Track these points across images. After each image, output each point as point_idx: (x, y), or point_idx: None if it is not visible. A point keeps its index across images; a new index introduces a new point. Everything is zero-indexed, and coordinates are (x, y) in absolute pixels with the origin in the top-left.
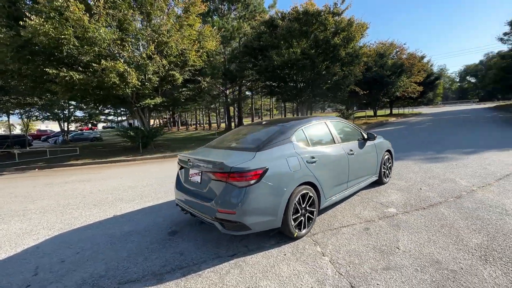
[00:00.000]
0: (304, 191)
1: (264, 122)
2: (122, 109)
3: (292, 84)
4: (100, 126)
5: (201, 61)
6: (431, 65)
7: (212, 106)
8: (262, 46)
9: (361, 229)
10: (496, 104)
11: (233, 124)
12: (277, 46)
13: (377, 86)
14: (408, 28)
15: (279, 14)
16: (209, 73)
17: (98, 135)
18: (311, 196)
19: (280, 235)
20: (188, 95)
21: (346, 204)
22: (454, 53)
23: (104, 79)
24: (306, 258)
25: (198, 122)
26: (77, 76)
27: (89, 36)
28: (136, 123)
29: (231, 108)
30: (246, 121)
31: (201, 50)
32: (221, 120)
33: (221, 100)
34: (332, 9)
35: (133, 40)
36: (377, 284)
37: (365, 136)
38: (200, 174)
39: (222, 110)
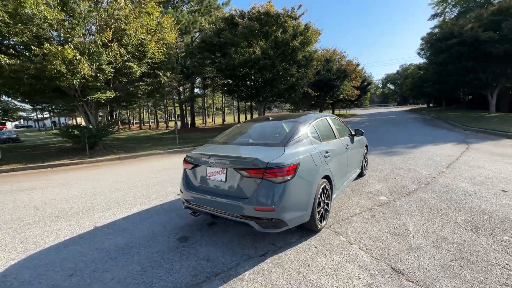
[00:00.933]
0: (323, 185)
1: (271, 118)
2: (60, 104)
3: (251, 83)
4: (10, 125)
5: (160, 53)
6: (364, 72)
7: (160, 103)
8: (221, 43)
9: (369, 217)
10: (410, 107)
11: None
12: (237, 44)
13: (326, 88)
14: (342, 38)
15: (239, 12)
16: (169, 67)
17: (15, 135)
18: (327, 189)
19: (301, 230)
20: (146, 89)
21: (343, 196)
22: (378, 63)
23: (45, 66)
24: (338, 248)
25: (143, 121)
26: (7, 61)
27: (24, 13)
28: (63, 121)
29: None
30: (198, 120)
31: (160, 42)
32: (170, 119)
33: (175, 97)
34: (290, 12)
35: (82, 23)
36: (411, 262)
37: (353, 132)
38: (224, 171)
39: (171, 108)
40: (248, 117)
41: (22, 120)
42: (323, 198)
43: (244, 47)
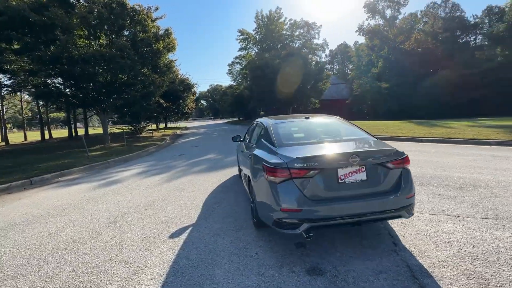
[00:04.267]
0: None
1: (306, 116)
2: None
3: (91, 86)
4: None
5: None
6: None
7: None
8: (46, 23)
9: None
10: (227, 120)
11: None
12: (70, 29)
13: (174, 99)
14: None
15: None
16: None
17: None
18: None
19: None
20: None
21: None
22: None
23: None
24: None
25: None
26: None
27: None
28: None
29: None
30: None
31: None
32: None
33: None
34: (146, 12)
35: None
36: None
37: None
38: (364, 169)
39: None
40: (66, 132)
41: None
42: None
43: (84, 37)
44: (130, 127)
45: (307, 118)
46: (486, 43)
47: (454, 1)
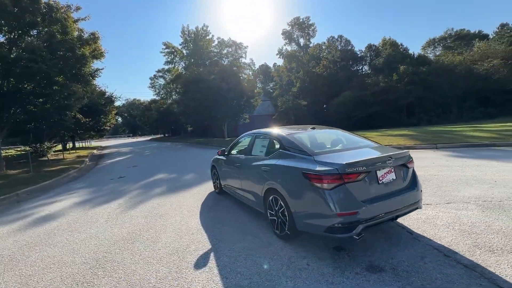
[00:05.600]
0: None
1: (318, 127)
2: None
3: None
4: None
5: None
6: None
7: None
8: None
9: None
10: (150, 137)
11: None
12: None
13: (93, 113)
14: None
15: None
16: None
17: None
18: None
19: None
20: None
21: None
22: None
23: None
24: None
25: None
26: None
27: None
28: None
29: None
30: None
31: None
32: None
33: None
34: (64, 10)
35: None
36: None
37: None
38: (393, 170)
39: None
40: None
41: None
42: None
43: None
44: (28, 148)
45: (313, 128)
46: (371, 71)
47: (346, 37)
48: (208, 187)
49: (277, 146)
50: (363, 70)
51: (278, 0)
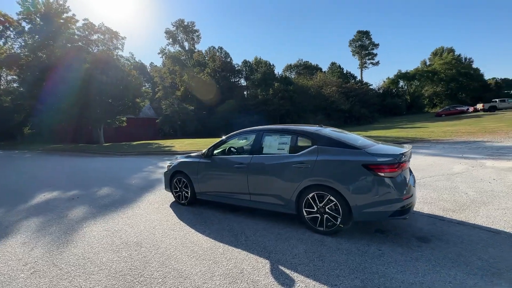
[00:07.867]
0: None
1: (325, 127)
2: None
3: None
4: None
5: None
6: None
7: None
8: None
9: None
10: None
11: None
12: None
13: None
14: None
15: None
16: None
17: None
18: None
19: None
20: None
21: None
22: None
23: None
24: None
25: None
26: None
27: None
28: None
29: None
30: None
31: None
32: None
33: None
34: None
35: None
36: None
37: None
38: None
39: None
40: None
41: None
42: None
43: None
44: None
45: (321, 126)
46: (250, 84)
47: (226, 50)
48: (153, 199)
49: (308, 142)
50: (240, 82)
51: None
